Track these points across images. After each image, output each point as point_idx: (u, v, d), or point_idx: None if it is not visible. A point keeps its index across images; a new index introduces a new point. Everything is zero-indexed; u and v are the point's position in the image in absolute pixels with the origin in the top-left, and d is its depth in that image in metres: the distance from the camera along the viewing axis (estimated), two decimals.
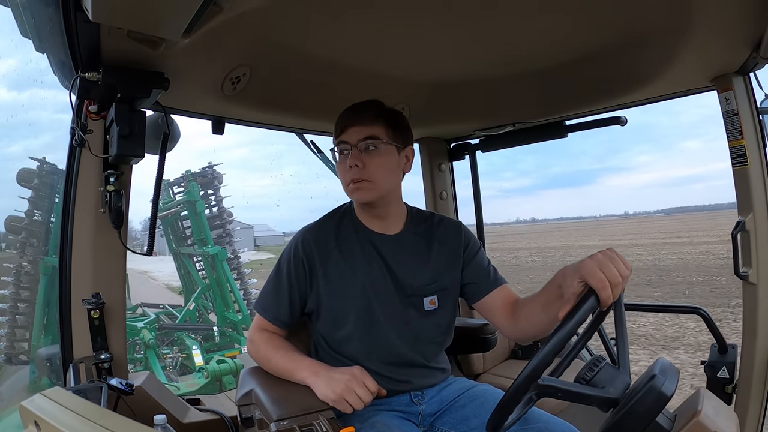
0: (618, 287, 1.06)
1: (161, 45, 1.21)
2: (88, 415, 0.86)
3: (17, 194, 6.71)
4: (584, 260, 1.11)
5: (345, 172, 1.43)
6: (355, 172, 1.41)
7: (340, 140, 1.44)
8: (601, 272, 1.06)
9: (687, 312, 2.22)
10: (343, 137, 1.44)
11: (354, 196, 1.46)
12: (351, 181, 1.42)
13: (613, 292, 1.05)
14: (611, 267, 1.07)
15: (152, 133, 1.55)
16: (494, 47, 1.72)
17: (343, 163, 1.44)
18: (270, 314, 1.48)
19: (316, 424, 1.14)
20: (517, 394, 1.04)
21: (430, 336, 1.51)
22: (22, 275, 6.74)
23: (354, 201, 1.51)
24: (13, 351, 6.42)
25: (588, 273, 1.07)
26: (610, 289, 1.05)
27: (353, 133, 1.43)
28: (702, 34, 1.51)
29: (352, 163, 1.41)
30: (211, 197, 9.58)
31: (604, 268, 1.06)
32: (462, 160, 2.77)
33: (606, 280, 1.05)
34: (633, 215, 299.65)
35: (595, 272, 1.06)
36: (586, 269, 1.08)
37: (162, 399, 1.68)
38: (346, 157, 1.43)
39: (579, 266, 1.11)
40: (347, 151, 1.43)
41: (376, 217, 1.51)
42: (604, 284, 1.05)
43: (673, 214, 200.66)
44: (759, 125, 1.76)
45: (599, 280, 1.05)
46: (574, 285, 1.11)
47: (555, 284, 1.23)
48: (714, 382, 1.92)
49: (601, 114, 2.23)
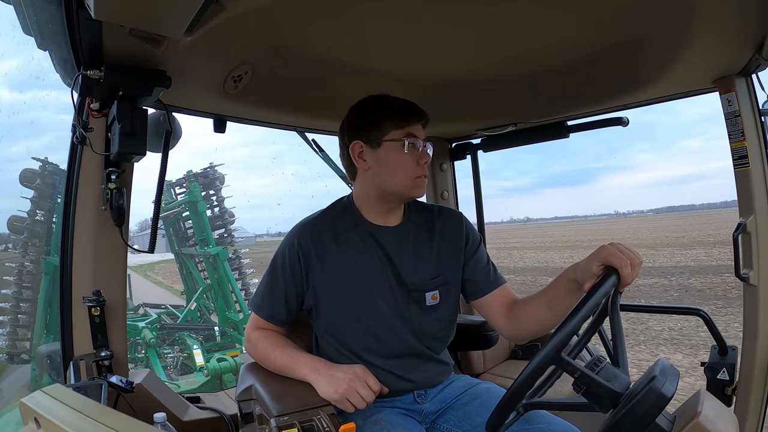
0: (637, 268, 1.15)
1: (163, 43, 1.22)
2: (88, 412, 0.86)
3: (19, 195, 6.74)
4: (601, 247, 1.21)
5: (413, 166, 1.42)
6: (425, 169, 1.44)
7: (411, 133, 1.42)
8: (621, 253, 1.16)
9: (687, 313, 2.22)
10: (414, 131, 1.43)
11: (418, 191, 1.46)
12: (419, 176, 1.43)
13: (633, 272, 1.14)
14: (628, 251, 1.17)
15: (154, 131, 1.55)
16: (496, 47, 1.72)
17: (411, 155, 1.42)
18: (265, 312, 1.47)
19: (317, 420, 1.14)
20: (538, 369, 1.07)
21: (433, 331, 1.50)
22: (24, 274, 6.76)
23: (411, 196, 1.48)
24: (15, 350, 6.43)
25: (609, 253, 1.17)
26: (630, 268, 1.14)
27: (421, 131, 1.46)
28: (704, 36, 1.51)
29: (428, 159, 1.44)
30: (212, 197, 9.61)
31: (623, 250, 1.17)
32: (463, 160, 2.78)
33: (627, 259, 1.14)
34: (626, 214, 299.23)
35: (617, 253, 1.16)
36: (606, 251, 1.18)
37: (162, 397, 1.68)
38: (414, 150, 1.42)
39: (597, 252, 1.20)
40: (418, 145, 1.43)
41: (388, 211, 1.50)
42: (626, 262, 1.14)
43: (662, 213, 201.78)
44: (761, 127, 1.76)
45: (621, 258, 1.15)
46: (593, 269, 1.19)
47: (565, 279, 1.32)
48: (714, 383, 1.91)
49: (602, 114, 2.23)
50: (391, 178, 1.43)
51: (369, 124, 1.44)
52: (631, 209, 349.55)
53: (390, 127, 1.41)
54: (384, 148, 1.42)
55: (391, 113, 1.43)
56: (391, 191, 1.45)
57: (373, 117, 1.44)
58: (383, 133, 1.42)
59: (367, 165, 1.45)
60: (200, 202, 9.14)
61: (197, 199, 9.11)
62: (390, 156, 1.42)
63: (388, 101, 1.46)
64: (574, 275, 1.29)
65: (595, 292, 1.10)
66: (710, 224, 41.45)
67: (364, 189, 1.50)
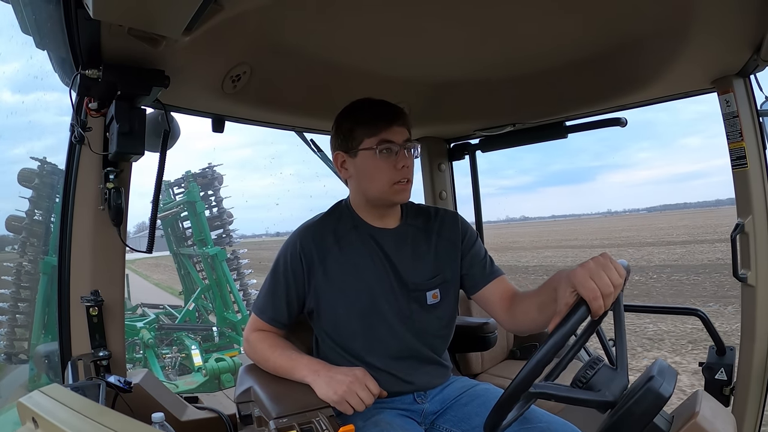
0: (610, 297, 1.04)
1: (162, 43, 1.21)
2: (86, 412, 0.86)
3: (17, 195, 6.73)
4: (576, 269, 1.09)
5: (390, 172, 1.40)
6: (404, 173, 1.41)
7: (384, 139, 1.39)
8: (592, 282, 1.04)
9: (685, 313, 2.22)
10: (388, 136, 1.39)
11: (399, 197, 1.44)
12: (398, 182, 1.41)
13: (604, 302, 1.03)
14: (603, 276, 1.04)
15: (152, 131, 1.55)
16: (494, 48, 1.72)
17: (386, 162, 1.39)
18: (267, 315, 1.47)
19: (316, 422, 1.14)
20: (510, 400, 1.05)
21: (434, 329, 1.50)
22: (22, 274, 6.75)
23: (394, 202, 1.47)
24: (13, 350, 6.42)
25: (579, 283, 1.05)
26: (601, 300, 1.03)
27: (398, 133, 1.41)
28: (702, 36, 1.51)
29: (405, 163, 1.40)
30: (211, 198, 9.60)
31: (596, 277, 1.04)
32: (461, 160, 2.78)
33: (597, 290, 1.03)
34: (622, 213, 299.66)
35: (586, 282, 1.04)
36: (577, 279, 1.06)
37: (160, 397, 1.67)
38: (389, 155, 1.39)
39: (571, 275, 1.09)
40: (394, 150, 1.40)
41: (383, 214, 1.51)
42: (595, 294, 1.03)
43: (654, 212, 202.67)
44: (759, 127, 1.76)
45: (590, 290, 1.03)
46: (566, 295, 1.09)
47: (551, 287, 1.22)
48: (712, 383, 1.92)
49: (601, 115, 2.23)
50: (370, 185, 1.43)
51: (345, 135, 1.44)
52: (628, 207, 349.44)
53: (363, 135, 1.41)
54: (360, 157, 1.42)
55: (362, 121, 1.42)
56: (373, 198, 1.46)
57: (348, 126, 1.44)
58: (358, 143, 1.42)
59: (349, 174, 1.48)
60: (199, 202, 9.13)
61: (196, 199, 9.09)
62: (366, 164, 1.42)
63: (361, 108, 1.44)
64: (556, 285, 1.18)
65: (565, 324, 1.04)
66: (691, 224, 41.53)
67: (355, 195, 1.52)
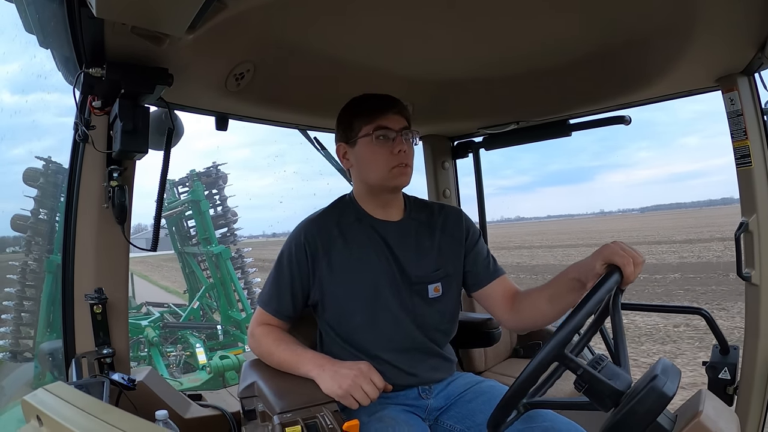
0: (639, 266, 1.16)
1: (165, 41, 1.22)
2: (90, 409, 0.86)
3: (21, 197, 6.75)
4: (604, 246, 1.21)
5: (387, 156, 1.44)
6: (402, 157, 1.44)
7: (380, 125, 1.44)
8: (624, 252, 1.16)
9: (689, 312, 2.21)
10: (384, 122, 1.45)
11: (399, 180, 1.47)
12: (397, 165, 1.44)
13: (635, 270, 1.15)
14: (630, 250, 1.18)
15: (156, 129, 1.55)
16: (498, 46, 1.72)
17: (383, 147, 1.44)
18: (271, 307, 1.49)
19: (320, 417, 1.14)
20: (541, 365, 1.07)
21: (435, 323, 1.51)
22: (27, 273, 6.77)
23: (394, 186, 1.50)
24: (18, 348, 6.45)
25: (612, 252, 1.18)
26: (632, 266, 1.15)
27: (394, 120, 1.46)
28: (707, 35, 1.50)
29: (403, 148, 1.44)
30: (215, 197, 9.60)
31: (626, 249, 1.18)
32: (465, 158, 2.77)
33: (630, 258, 1.15)
34: (615, 213, 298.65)
35: (619, 251, 1.17)
36: (609, 250, 1.19)
37: (164, 394, 1.68)
38: (386, 141, 1.44)
39: (600, 251, 1.21)
40: (391, 136, 1.44)
41: (385, 204, 1.53)
42: (628, 260, 1.15)
43: (647, 213, 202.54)
44: (763, 126, 1.75)
45: (623, 257, 1.15)
46: (596, 267, 1.20)
47: (566, 277, 1.33)
48: (715, 383, 1.91)
49: (604, 113, 2.22)
50: (370, 172, 1.48)
51: (345, 126, 1.51)
52: (623, 207, 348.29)
53: (361, 124, 1.47)
54: (359, 145, 1.48)
55: (360, 111, 1.48)
56: (374, 184, 1.50)
57: (347, 118, 1.51)
58: (356, 132, 1.48)
59: (350, 164, 1.54)
60: (203, 201, 9.13)
61: (200, 198, 9.10)
62: (364, 151, 1.47)
63: (360, 100, 1.51)
64: (577, 274, 1.30)
65: (599, 290, 1.11)
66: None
67: (357, 186, 1.57)
